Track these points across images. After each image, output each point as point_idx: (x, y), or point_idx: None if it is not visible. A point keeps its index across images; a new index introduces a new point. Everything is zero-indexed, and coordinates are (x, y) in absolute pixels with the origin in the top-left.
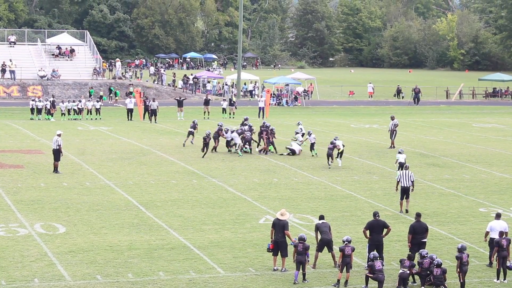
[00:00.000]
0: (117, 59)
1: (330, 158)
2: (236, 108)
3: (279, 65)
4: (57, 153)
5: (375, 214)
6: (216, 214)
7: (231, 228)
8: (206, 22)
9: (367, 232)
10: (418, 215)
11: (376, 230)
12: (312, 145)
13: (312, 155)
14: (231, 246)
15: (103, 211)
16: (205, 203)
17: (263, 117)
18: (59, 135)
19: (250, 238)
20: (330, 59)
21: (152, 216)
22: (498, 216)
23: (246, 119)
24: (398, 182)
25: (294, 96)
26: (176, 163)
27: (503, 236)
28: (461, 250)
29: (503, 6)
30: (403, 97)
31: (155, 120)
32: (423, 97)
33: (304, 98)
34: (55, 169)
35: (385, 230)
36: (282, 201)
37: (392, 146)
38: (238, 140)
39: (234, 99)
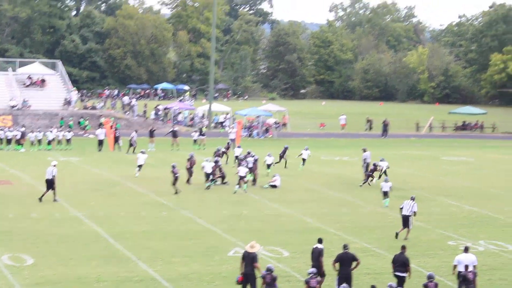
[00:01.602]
0: (74, 88)
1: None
2: (204, 139)
3: (247, 96)
4: (50, 183)
5: (345, 247)
6: (185, 246)
7: (200, 260)
8: (178, 53)
9: (336, 265)
10: (403, 247)
11: (345, 262)
12: (268, 165)
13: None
14: (200, 278)
15: (72, 242)
16: (174, 235)
17: (233, 148)
18: (54, 166)
19: (219, 270)
20: (302, 91)
21: (121, 248)
22: (466, 250)
23: (249, 153)
24: (401, 209)
25: (265, 128)
26: (146, 194)
27: (468, 270)
28: (429, 278)
29: (473, 40)
30: (371, 127)
31: (133, 150)
32: (394, 130)
33: (276, 130)
34: (42, 197)
35: (354, 263)
36: (252, 233)
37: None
38: (242, 172)
39: (203, 129)
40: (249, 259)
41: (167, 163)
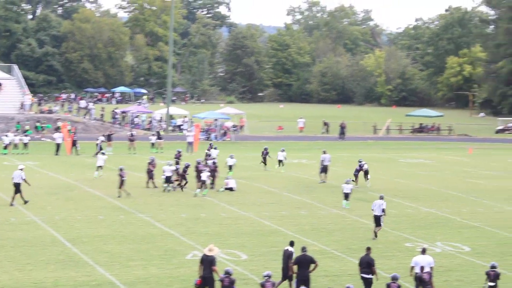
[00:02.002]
0: (28, 93)
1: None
2: (162, 143)
3: (203, 100)
4: (18, 186)
5: (303, 249)
6: (143, 249)
7: (158, 264)
8: (135, 57)
9: (295, 267)
10: (368, 249)
11: (303, 265)
12: (230, 166)
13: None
14: (158, 282)
15: (28, 247)
16: (132, 238)
17: (191, 152)
18: (21, 169)
19: (177, 274)
20: (259, 94)
21: (78, 252)
22: (423, 251)
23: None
24: (372, 209)
25: (223, 131)
26: (103, 198)
27: (424, 271)
28: (393, 279)
29: (429, 43)
30: (328, 130)
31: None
32: (351, 132)
33: (234, 133)
34: (12, 201)
35: (312, 266)
36: (210, 236)
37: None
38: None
39: (162, 133)
40: (207, 262)
41: (124, 167)
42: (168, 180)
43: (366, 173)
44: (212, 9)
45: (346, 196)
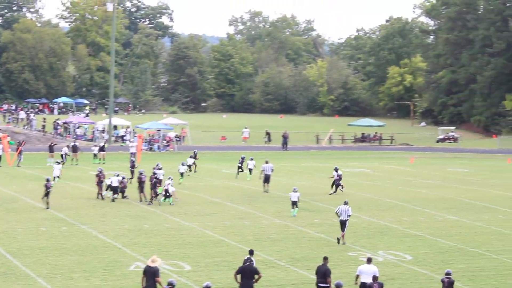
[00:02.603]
0: None
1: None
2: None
3: (143, 110)
4: None
5: (247, 260)
6: (85, 261)
7: (100, 275)
8: (77, 67)
9: (238, 277)
10: (325, 258)
11: (246, 275)
12: (181, 173)
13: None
14: None
15: None
16: (74, 250)
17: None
18: None
19: (120, 285)
20: (203, 104)
21: (19, 265)
22: (369, 261)
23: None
24: (337, 214)
25: (166, 141)
26: (45, 210)
27: (376, 281)
28: (337, 286)
29: (371, 53)
30: (270, 140)
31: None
32: (294, 142)
33: (176, 143)
34: None
35: (256, 276)
36: (153, 247)
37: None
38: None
39: (105, 145)
40: (150, 274)
41: (67, 178)
42: (114, 190)
43: (335, 182)
44: (154, 19)
45: (294, 204)
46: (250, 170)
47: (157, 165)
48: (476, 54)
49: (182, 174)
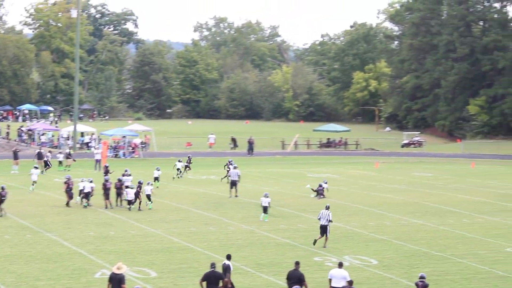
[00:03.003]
0: None
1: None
2: (74, 160)
3: (107, 117)
4: None
5: (212, 265)
6: (50, 269)
7: (66, 283)
8: (41, 74)
9: (204, 284)
10: (297, 263)
11: (212, 281)
12: (156, 178)
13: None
14: None
15: None
16: (39, 258)
17: (99, 170)
18: None
19: None
20: (168, 110)
21: None
22: (340, 265)
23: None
24: (318, 219)
25: (131, 148)
26: (10, 217)
27: (351, 285)
28: None
29: (336, 59)
30: (236, 146)
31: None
32: (260, 148)
33: (142, 150)
34: None
35: (221, 282)
36: (119, 254)
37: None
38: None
39: (71, 151)
40: (116, 281)
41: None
42: (86, 196)
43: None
44: (119, 26)
45: (265, 209)
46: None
47: (126, 171)
48: (440, 59)
49: (156, 178)
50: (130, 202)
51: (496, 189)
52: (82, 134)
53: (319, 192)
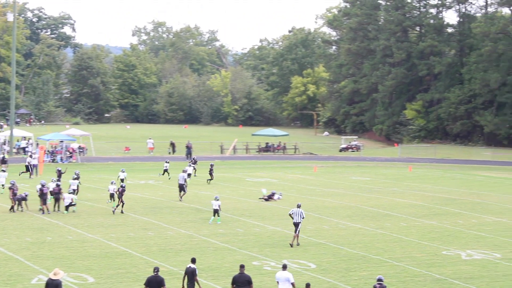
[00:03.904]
0: None
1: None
2: (7, 166)
3: (43, 121)
4: None
5: (155, 270)
6: None
7: None
8: None
9: None
10: (242, 267)
11: (153, 286)
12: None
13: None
14: None
15: None
16: None
17: (36, 175)
18: None
19: None
20: (106, 115)
21: None
22: (284, 267)
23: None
24: (290, 215)
25: (69, 152)
26: None
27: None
28: None
29: (274, 63)
30: (174, 151)
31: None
32: (199, 152)
33: (79, 155)
34: None
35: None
36: (56, 260)
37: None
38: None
39: (6, 156)
40: (53, 287)
41: None
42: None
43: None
44: (56, 30)
45: (215, 212)
46: (189, 175)
47: (76, 173)
48: (377, 64)
49: (122, 180)
50: (66, 208)
51: (432, 193)
52: (25, 138)
53: (270, 197)
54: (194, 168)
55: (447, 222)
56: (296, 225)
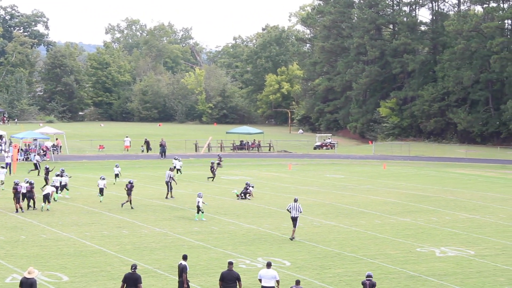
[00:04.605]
0: None
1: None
2: None
3: (16, 120)
4: None
5: (132, 267)
6: None
7: None
8: None
9: (125, 286)
10: (230, 264)
11: (130, 283)
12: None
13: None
14: None
15: None
16: None
17: (10, 173)
18: None
19: None
20: (80, 113)
21: None
22: (268, 265)
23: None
24: (288, 210)
25: (43, 151)
26: None
27: (298, 285)
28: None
29: (248, 61)
30: (149, 149)
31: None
32: (173, 150)
33: (53, 153)
34: None
35: (139, 285)
36: (30, 258)
37: (170, 196)
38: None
39: None
40: (27, 285)
41: None
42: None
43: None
44: (29, 28)
45: (199, 209)
46: (178, 170)
47: (61, 170)
48: (351, 62)
49: (117, 175)
50: (45, 200)
51: (406, 190)
52: (1, 137)
53: (245, 193)
54: (219, 163)
55: (421, 219)
56: (294, 219)
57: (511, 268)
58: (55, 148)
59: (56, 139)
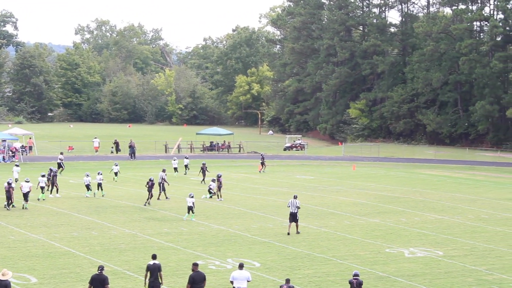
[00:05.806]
0: None
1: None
2: None
3: None
4: None
5: (99, 268)
6: None
7: None
8: None
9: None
10: (195, 265)
11: (97, 284)
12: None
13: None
14: None
15: None
16: None
17: None
18: None
19: None
20: (49, 114)
21: None
22: (241, 266)
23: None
24: (288, 207)
25: (11, 152)
26: None
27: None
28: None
29: (218, 62)
30: (118, 150)
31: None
32: (143, 152)
33: (22, 154)
34: None
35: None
36: None
37: (165, 197)
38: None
39: None
40: (2, 287)
41: None
42: (25, 196)
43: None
44: None
45: (189, 209)
46: (175, 169)
47: (51, 169)
48: (321, 63)
49: (116, 174)
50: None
51: (375, 191)
52: None
53: (214, 188)
54: (263, 163)
55: (390, 220)
56: (292, 215)
57: (479, 269)
58: (23, 149)
59: (30, 138)
